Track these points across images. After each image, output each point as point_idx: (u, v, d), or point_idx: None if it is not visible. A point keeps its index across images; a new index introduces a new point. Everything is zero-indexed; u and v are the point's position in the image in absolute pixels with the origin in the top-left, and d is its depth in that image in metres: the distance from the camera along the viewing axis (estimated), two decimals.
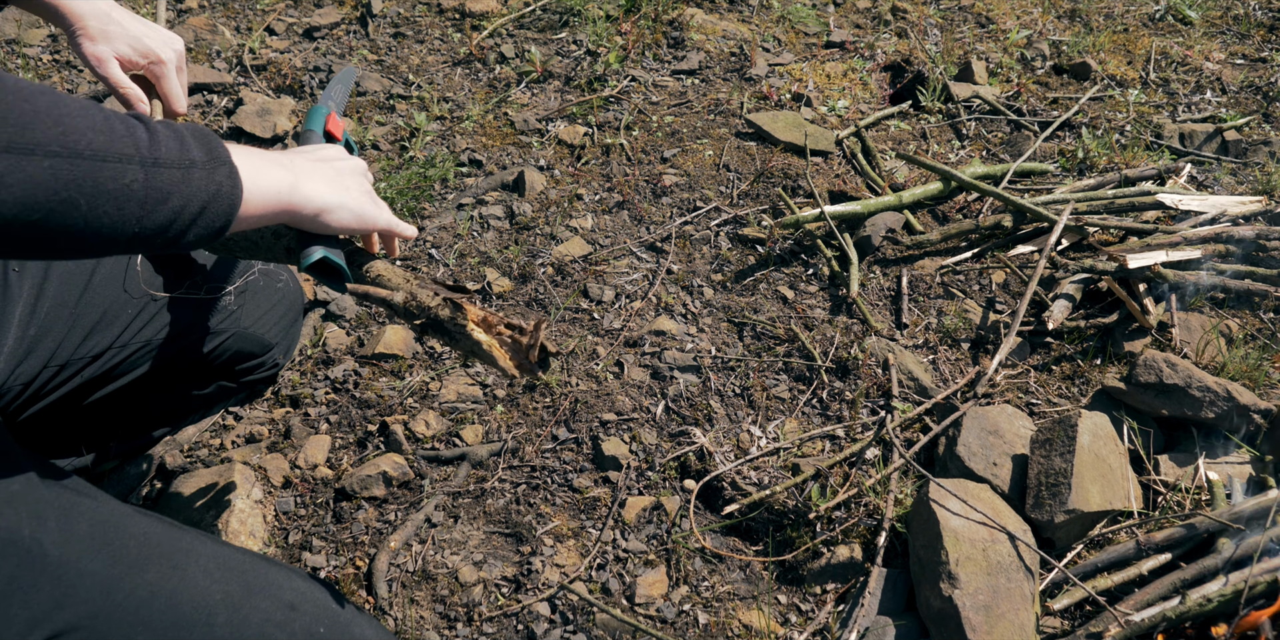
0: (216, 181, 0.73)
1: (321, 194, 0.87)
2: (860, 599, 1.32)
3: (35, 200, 0.62)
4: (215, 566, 0.90)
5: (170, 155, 0.71)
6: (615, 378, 1.63)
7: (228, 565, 0.92)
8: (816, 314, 1.76)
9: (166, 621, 0.83)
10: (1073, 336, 1.73)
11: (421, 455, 1.49)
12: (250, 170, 0.78)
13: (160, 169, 0.70)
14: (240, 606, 0.89)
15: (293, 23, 2.43)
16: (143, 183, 0.68)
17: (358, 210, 0.90)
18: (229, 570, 0.91)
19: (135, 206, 0.68)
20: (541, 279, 1.80)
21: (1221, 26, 2.77)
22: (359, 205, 0.91)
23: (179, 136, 0.73)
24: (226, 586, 0.89)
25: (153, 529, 0.88)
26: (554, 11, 2.49)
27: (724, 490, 1.47)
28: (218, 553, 0.93)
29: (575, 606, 1.32)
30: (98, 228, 0.67)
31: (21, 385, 1.02)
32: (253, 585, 0.92)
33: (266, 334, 1.29)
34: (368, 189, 0.95)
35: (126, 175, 0.67)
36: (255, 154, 0.81)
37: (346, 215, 0.89)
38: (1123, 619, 1.23)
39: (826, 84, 2.36)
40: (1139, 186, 2.02)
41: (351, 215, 0.90)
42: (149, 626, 0.82)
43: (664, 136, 2.14)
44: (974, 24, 2.66)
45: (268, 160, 0.83)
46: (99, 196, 0.66)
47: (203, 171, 0.73)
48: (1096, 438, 1.42)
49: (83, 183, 0.64)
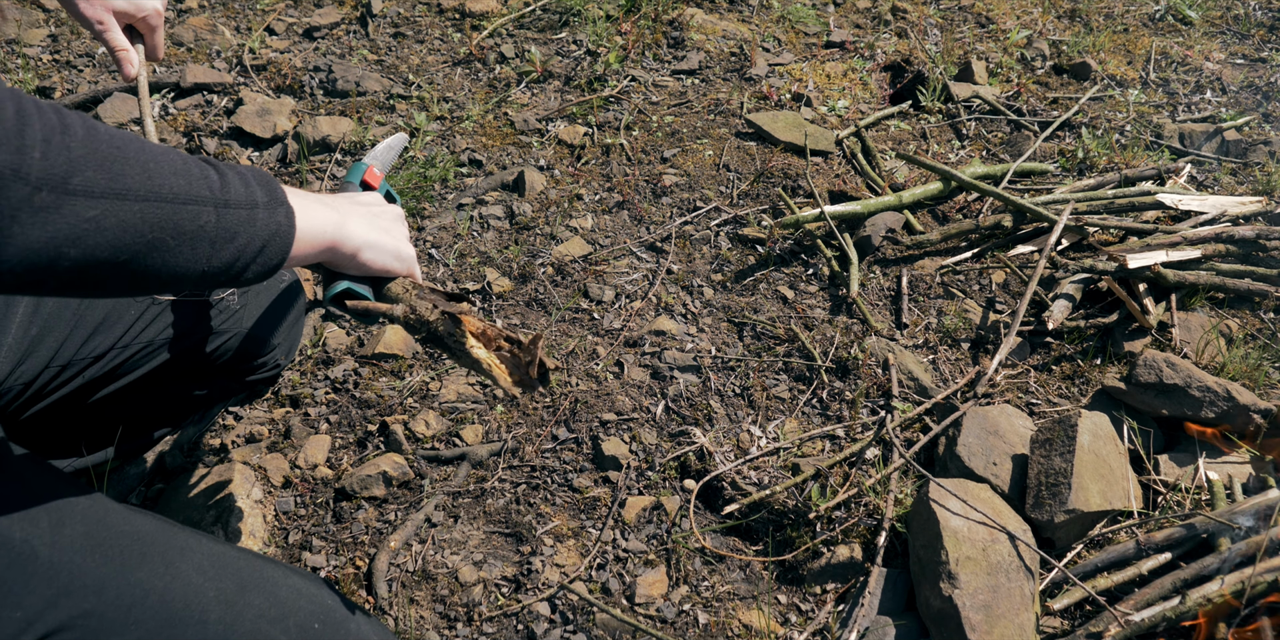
0: (276, 221, 0.78)
1: (364, 234, 0.90)
2: (860, 599, 1.32)
3: (126, 242, 0.66)
4: (209, 564, 0.90)
5: (238, 196, 0.75)
6: (615, 378, 1.63)
7: (222, 563, 0.92)
8: (816, 314, 1.76)
9: (159, 619, 0.84)
10: (1073, 336, 1.73)
11: (421, 455, 1.49)
12: (302, 210, 0.82)
13: (229, 210, 0.74)
14: (234, 603, 0.89)
15: (293, 23, 2.43)
16: (215, 223, 0.72)
17: (396, 251, 0.94)
18: (223, 568, 0.92)
19: (207, 245, 0.72)
20: (541, 279, 1.80)
21: (1221, 26, 2.77)
22: (398, 247, 0.94)
23: (244, 179, 0.77)
24: (220, 583, 0.90)
25: (146, 527, 0.89)
26: (554, 11, 2.49)
27: (724, 490, 1.47)
28: (212, 550, 0.93)
29: (575, 606, 1.32)
30: (174, 267, 0.70)
31: (23, 385, 1.02)
32: (247, 582, 0.92)
33: (269, 334, 1.29)
34: (407, 234, 0.99)
35: (202, 216, 0.71)
36: (305, 195, 0.85)
37: (387, 257, 0.93)
38: (1123, 619, 1.23)
39: (826, 84, 2.36)
40: (1139, 186, 2.02)
41: (391, 257, 0.93)
42: (141, 624, 0.83)
43: (664, 136, 2.14)
44: (974, 24, 2.66)
45: (316, 201, 0.87)
46: (180, 237, 0.70)
47: (265, 212, 0.77)
48: (1096, 438, 1.42)
49: (167, 224, 0.68)
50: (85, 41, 2.30)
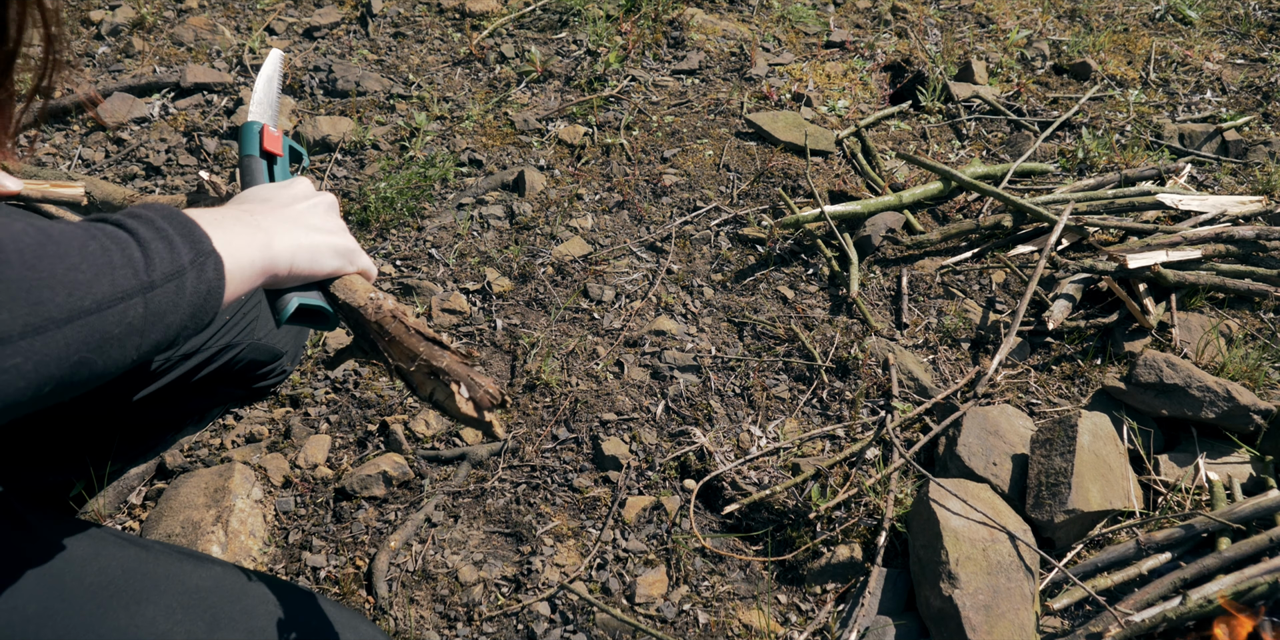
0: (206, 280, 0.68)
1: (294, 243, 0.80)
2: (860, 599, 1.32)
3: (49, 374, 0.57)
4: (179, 603, 0.85)
5: (163, 268, 0.64)
6: (615, 378, 1.63)
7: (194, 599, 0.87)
8: (816, 314, 1.76)
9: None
10: (1073, 336, 1.73)
11: (421, 455, 1.49)
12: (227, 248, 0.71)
13: (156, 290, 0.64)
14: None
15: (293, 23, 2.43)
16: (142, 314, 0.62)
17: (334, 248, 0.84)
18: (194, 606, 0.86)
19: (135, 338, 0.63)
20: (541, 279, 1.80)
21: (1221, 26, 2.77)
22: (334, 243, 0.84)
23: (165, 238, 0.66)
24: (190, 625, 0.85)
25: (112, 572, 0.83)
26: (554, 11, 2.49)
27: (724, 490, 1.47)
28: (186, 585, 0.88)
29: (575, 606, 1.32)
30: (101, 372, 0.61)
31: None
32: (220, 618, 0.87)
33: (277, 343, 1.29)
34: (341, 224, 0.89)
35: (129, 313, 0.62)
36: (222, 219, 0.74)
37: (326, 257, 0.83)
38: (1123, 619, 1.23)
39: (826, 84, 2.36)
40: (1139, 186, 2.02)
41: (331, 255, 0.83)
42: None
43: (664, 136, 2.14)
44: (974, 24, 2.66)
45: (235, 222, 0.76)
46: (107, 344, 0.60)
47: (193, 273, 0.67)
48: (1096, 438, 1.42)
49: (93, 339, 0.59)
50: (85, 41, 2.30)
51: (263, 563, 1.34)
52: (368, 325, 0.86)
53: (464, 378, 0.84)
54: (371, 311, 0.85)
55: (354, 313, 0.86)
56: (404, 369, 0.86)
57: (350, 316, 0.87)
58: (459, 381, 0.84)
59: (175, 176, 2.00)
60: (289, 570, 1.35)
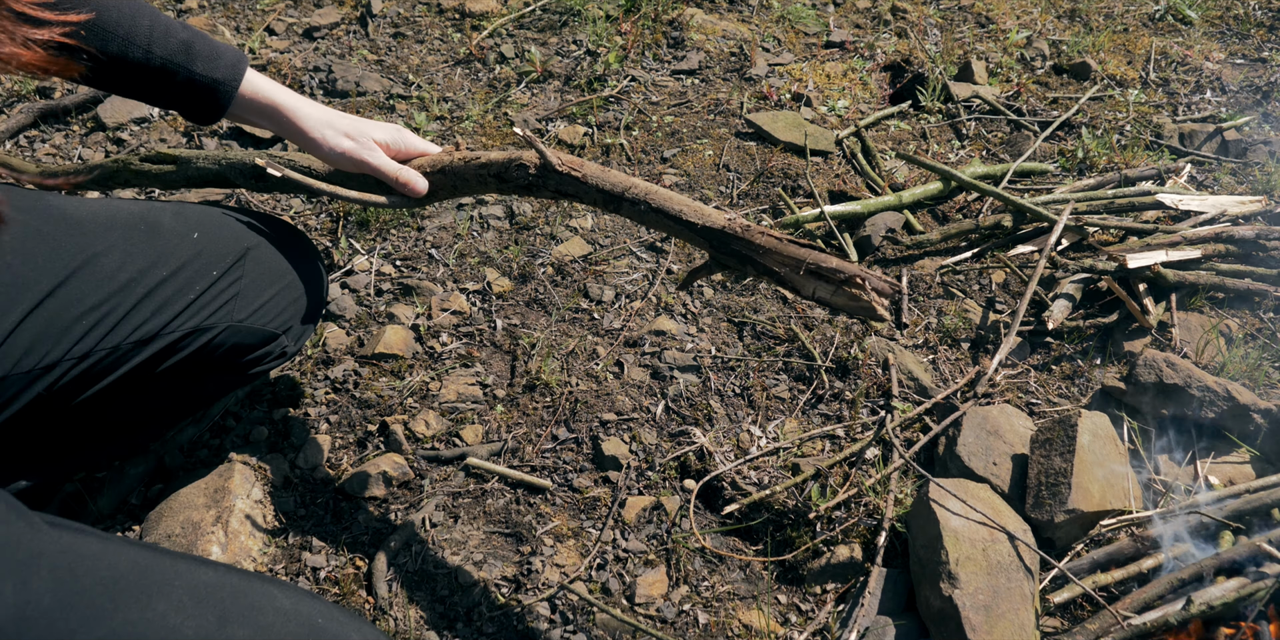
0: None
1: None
2: (860, 599, 1.32)
3: None
4: (188, 598, 0.86)
5: None
6: (615, 378, 1.63)
7: (202, 595, 0.88)
8: (816, 314, 1.76)
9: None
10: (1073, 336, 1.73)
11: (421, 455, 1.49)
12: None
13: None
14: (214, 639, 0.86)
15: (293, 23, 2.43)
16: None
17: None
18: (203, 600, 0.87)
19: None
20: (541, 279, 1.80)
21: (1221, 26, 2.77)
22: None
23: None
24: (199, 620, 0.85)
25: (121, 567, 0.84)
26: (554, 11, 2.49)
27: (724, 490, 1.47)
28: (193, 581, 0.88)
29: (575, 606, 1.32)
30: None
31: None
32: (229, 613, 0.88)
33: (269, 324, 1.21)
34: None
35: None
36: None
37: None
38: (1123, 621, 1.23)
39: (826, 84, 2.36)
40: (1139, 186, 2.02)
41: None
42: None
43: (664, 136, 2.14)
44: (974, 24, 2.66)
45: None
46: None
47: None
48: (1096, 438, 1.42)
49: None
50: None
51: (263, 563, 1.34)
52: (735, 242, 1.05)
53: (861, 272, 1.00)
54: (740, 229, 1.05)
55: (718, 234, 1.06)
56: (781, 273, 1.04)
57: (713, 237, 1.07)
58: (861, 276, 1.00)
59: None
60: (289, 571, 1.35)
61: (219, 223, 1.19)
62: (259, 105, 1.16)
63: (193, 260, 1.12)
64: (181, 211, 1.17)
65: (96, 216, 1.08)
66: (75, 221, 1.06)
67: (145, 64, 1.07)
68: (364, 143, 1.20)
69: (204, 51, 1.11)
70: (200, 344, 1.13)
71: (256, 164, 1.31)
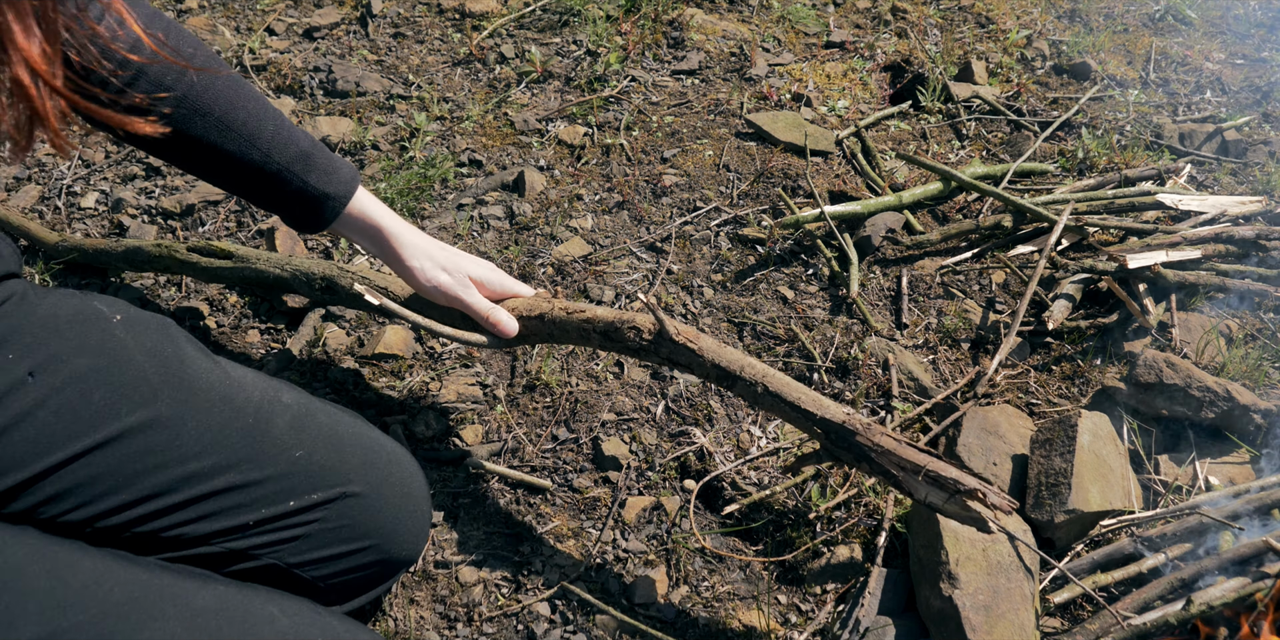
0: None
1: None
2: (860, 599, 1.32)
3: None
4: (181, 629, 0.85)
5: None
6: (615, 378, 1.63)
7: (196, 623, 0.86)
8: (816, 314, 1.76)
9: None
10: (1073, 336, 1.73)
11: (421, 455, 1.49)
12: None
13: None
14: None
15: (293, 23, 2.43)
16: None
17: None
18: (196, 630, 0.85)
19: None
20: (541, 279, 1.80)
21: (1221, 26, 2.77)
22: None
23: None
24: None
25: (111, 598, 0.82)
26: (554, 11, 2.49)
27: (724, 490, 1.47)
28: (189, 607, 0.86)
29: (575, 606, 1.32)
30: None
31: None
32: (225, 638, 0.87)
33: (319, 579, 1.06)
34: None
35: None
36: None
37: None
38: (1123, 621, 1.23)
39: (826, 84, 2.36)
40: (1139, 186, 2.02)
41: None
42: None
43: (664, 136, 2.14)
44: (974, 24, 2.66)
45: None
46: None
47: None
48: (1096, 438, 1.42)
49: None
50: None
51: None
52: (853, 439, 1.04)
53: (981, 487, 0.98)
54: (860, 426, 1.04)
55: (836, 428, 1.05)
56: (898, 476, 1.02)
57: (830, 430, 1.06)
58: (982, 491, 0.98)
59: (175, 177, 2.00)
60: None
61: (335, 449, 1.07)
62: (363, 224, 1.17)
63: (277, 479, 1.00)
64: (302, 423, 1.06)
65: (212, 387, 0.99)
66: (190, 386, 0.96)
67: (262, 168, 1.08)
68: (459, 279, 1.21)
69: (322, 164, 1.12)
70: (237, 569, 1.01)
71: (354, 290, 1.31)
